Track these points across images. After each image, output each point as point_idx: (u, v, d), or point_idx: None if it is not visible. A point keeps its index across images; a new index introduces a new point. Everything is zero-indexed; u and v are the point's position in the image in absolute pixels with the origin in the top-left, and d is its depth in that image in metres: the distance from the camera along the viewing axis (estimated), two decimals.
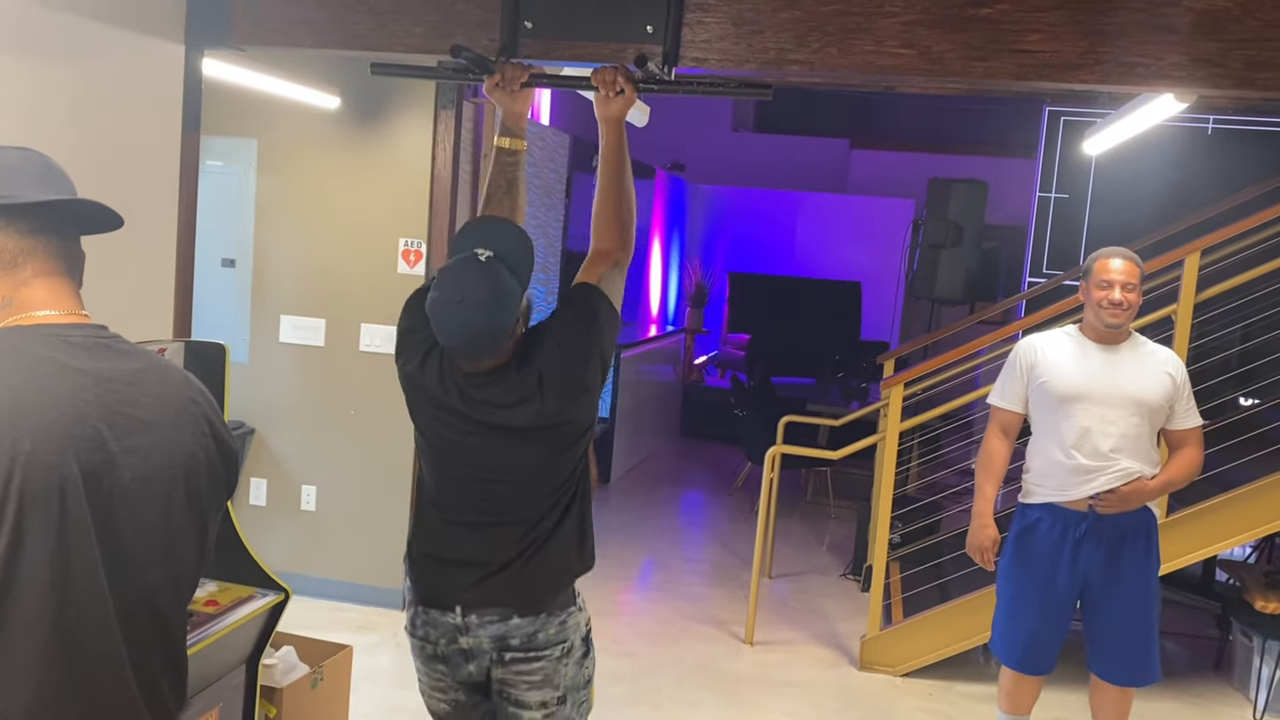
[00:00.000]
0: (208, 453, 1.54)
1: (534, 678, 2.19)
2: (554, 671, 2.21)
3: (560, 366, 2.12)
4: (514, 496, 2.19)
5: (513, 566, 2.18)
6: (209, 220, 4.71)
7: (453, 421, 2.14)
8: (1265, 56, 2.45)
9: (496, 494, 2.18)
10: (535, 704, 2.21)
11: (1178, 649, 4.91)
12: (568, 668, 2.23)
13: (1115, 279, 3.11)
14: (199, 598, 2.40)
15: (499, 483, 2.18)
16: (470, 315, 1.98)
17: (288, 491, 4.78)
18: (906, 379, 4.61)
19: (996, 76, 2.58)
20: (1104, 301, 3.12)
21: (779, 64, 2.63)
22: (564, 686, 2.23)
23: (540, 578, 2.20)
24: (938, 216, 5.85)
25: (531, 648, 2.19)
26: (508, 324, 2.03)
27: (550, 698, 2.22)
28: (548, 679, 2.21)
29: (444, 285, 2.03)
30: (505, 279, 2.03)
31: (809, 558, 5.98)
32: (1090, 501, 3.14)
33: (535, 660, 2.19)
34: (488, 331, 2.00)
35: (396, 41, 2.79)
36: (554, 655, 2.20)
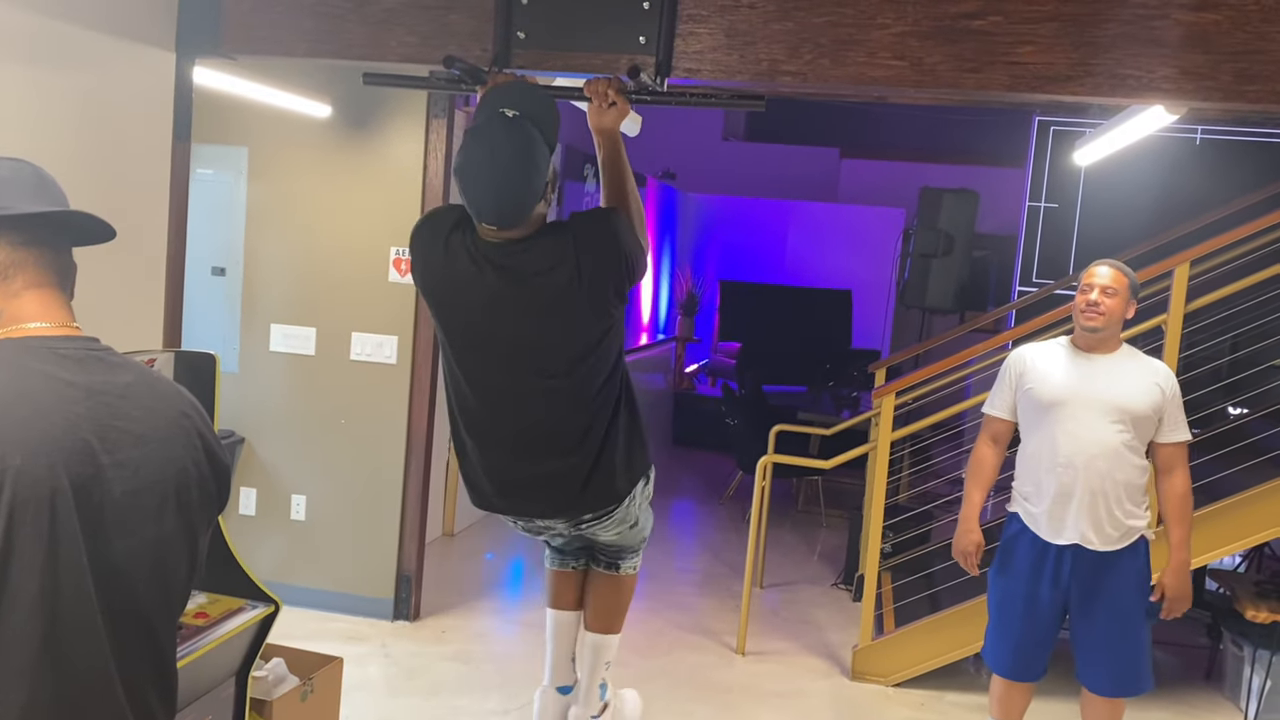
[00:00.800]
0: (199, 466, 1.53)
1: (607, 524, 2.51)
2: (624, 515, 2.52)
3: (594, 230, 2.17)
4: (555, 401, 2.25)
5: (567, 487, 2.35)
6: (199, 228, 4.68)
7: (492, 304, 2.13)
8: (1255, 69, 2.46)
9: (537, 400, 2.25)
10: (611, 534, 2.60)
11: (1168, 658, 4.92)
12: (633, 507, 2.54)
13: (1095, 283, 3.14)
14: (189, 610, 2.38)
15: (539, 380, 2.22)
16: (502, 169, 1.99)
17: (277, 501, 4.75)
18: (898, 388, 4.62)
19: (988, 88, 2.59)
20: (1082, 304, 3.15)
21: (771, 75, 2.63)
22: (632, 516, 2.56)
23: (594, 491, 2.39)
24: (929, 226, 5.87)
25: (600, 518, 2.47)
26: (538, 181, 2.03)
27: (623, 528, 2.59)
28: (620, 520, 2.53)
29: (472, 143, 2.04)
30: (534, 134, 2.04)
31: (800, 567, 5.98)
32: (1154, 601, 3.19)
33: (606, 519, 2.48)
34: (520, 184, 2.00)
35: (389, 51, 2.79)
36: (622, 508, 2.48)
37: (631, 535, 2.69)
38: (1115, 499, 3.13)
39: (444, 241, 2.20)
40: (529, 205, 2.04)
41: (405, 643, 4.46)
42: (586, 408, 2.27)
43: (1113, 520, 3.13)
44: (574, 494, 2.39)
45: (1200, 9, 2.48)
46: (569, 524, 2.52)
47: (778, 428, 5.69)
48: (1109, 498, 3.12)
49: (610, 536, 2.63)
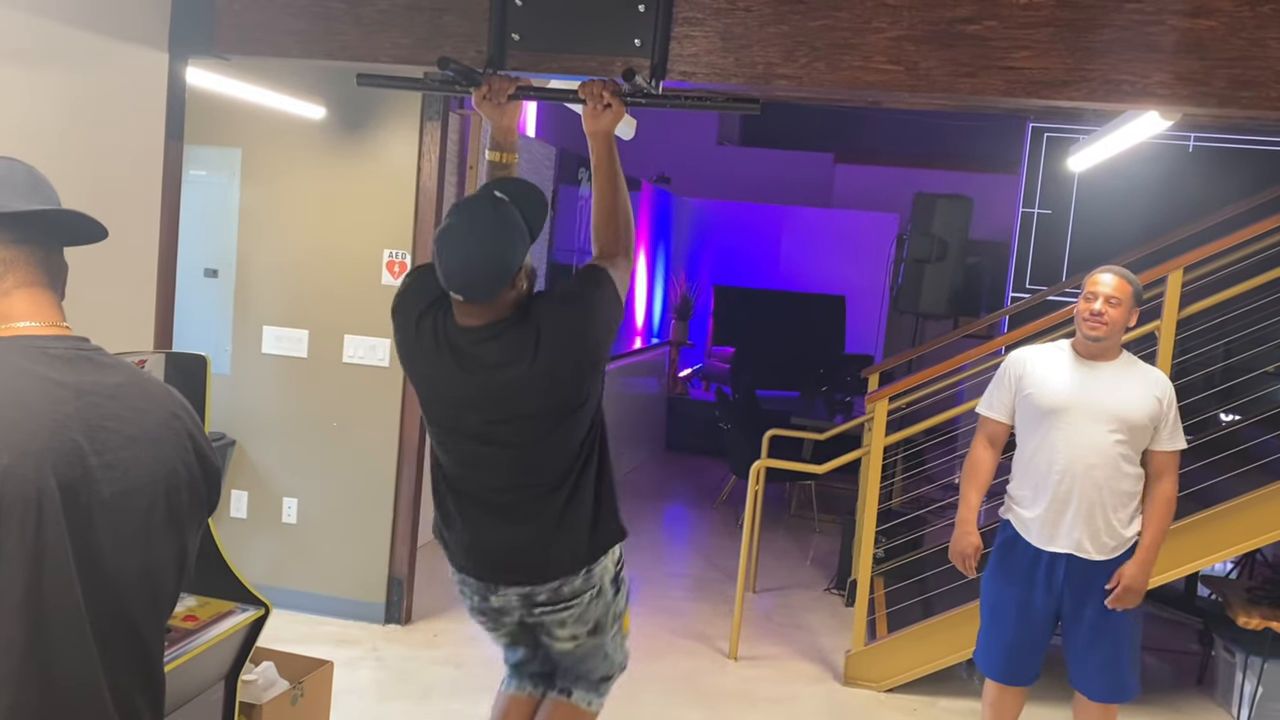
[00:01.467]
0: (189, 468, 1.52)
1: (564, 617, 2.36)
2: (583, 612, 2.36)
3: (562, 322, 2.12)
4: (521, 471, 2.21)
5: (530, 547, 2.27)
6: (191, 230, 4.67)
7: (450, 387, 2.15)
8: (1249, 75, 2.47)
9: (505, 468, 2.22)
10: (566, 637, 2.41)
11: (1160, 664, 4.92)
12: (596, 606, 2.38)
13: (1100, 291, 3.12)
14: (177, 613, 2.36)
15: (505, 456, 2.19)
16: (478, 240, 2.01)
17: (269, 504, 4.73)
18: (891, 393, 4.62)
19: (984, 93, 2.59)
20: (1085, 313, 3.13)
21: (767, 79, 2.63)
22: (593, 620, 2.40)
23: (557, 554, 2.29)
24: (922, 231, 5.87)
25: (558, 600, 2.31)
26: (512, 261, 2.03)
27: (580, 631, 2.40)
28: (578, 618, 2.37)
29: (455, 213, 2.08)
30: (517, 217, 2.06)
31: (793, 572, 5.97)
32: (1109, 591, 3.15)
33: (564, 610, 2.32)
34: (493, 259, 2.00)
35: (383, 52, 2.78)
36: (582, 601, 2.33)
37: (593, 653, 2.48)
38: (1112, 508, 3.13)
39: (415, 322, 2.22)
40: (498, 283, 2.03)
41: (397, 646, 4.44)
42: (555, 472, 2.22)
43: (1109, 530, 3.13)
44: (536, 557, 2.28)
45: (1195, 15, 2.48)
46: (524, 603, 2.33)
47: (771, 432, 5.69)
48: (1106, 507, 3.12)
49: (567, 643, 2.42)
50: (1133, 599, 3.16)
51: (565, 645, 2.43)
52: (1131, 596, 3.16)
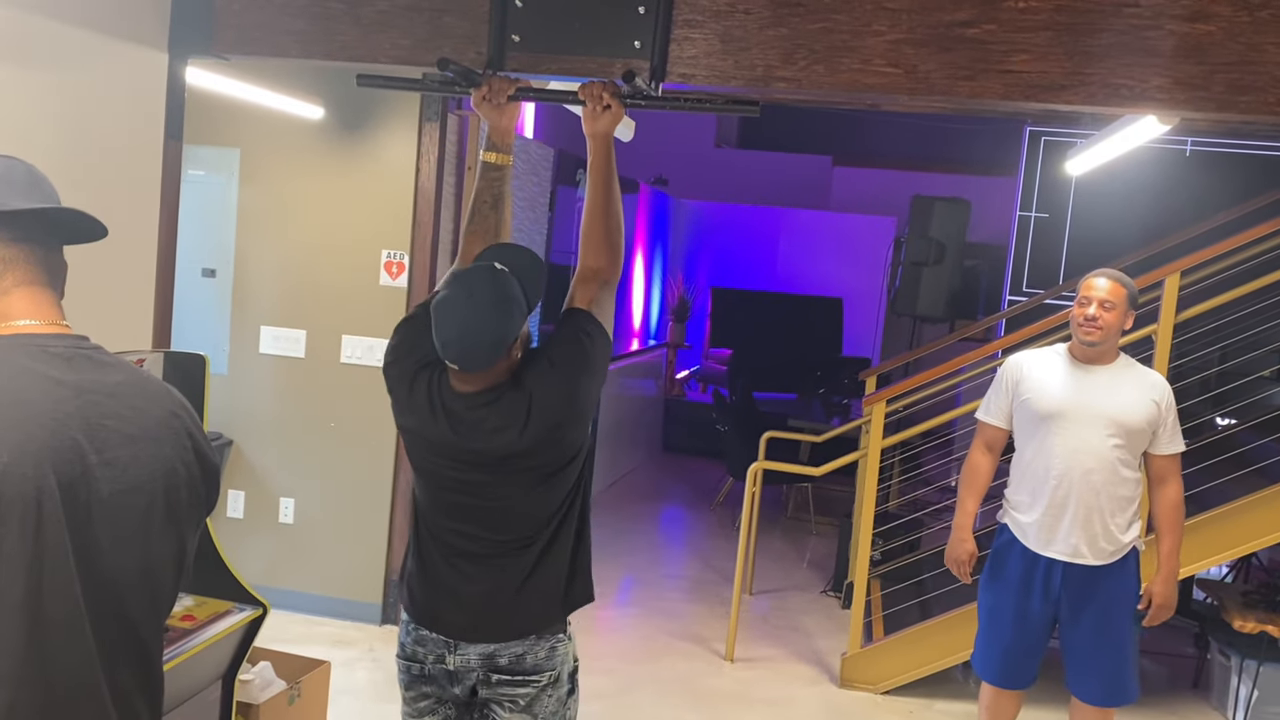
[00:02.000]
0: (188, 467, 1.51)
1: (517, 700, 2.18)
2: (536, 700, 2.20)
3: (552, 388, 2.10)
4: (503, 523, 2.16)
5: (502, 598, 2.17)
6: (190, 230, 4.68)
7: (439, 448, 2.13)
8: (1247, 80, 2.47)
9: (485, 519, 2.16)
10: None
11: (1156, 668, 4.92)
12: (550, 700, 2.22)
13: (1094, 296, 3.12)
14: (175, 612, 2.36)
15: (487, 508, 2.16)
16: (475, 312, 2.00)
17: (266, 504, 4.73)
18: (889, 396, 4.62)
19: (983, 96, 2.59)
20: (1080, 318, 3.13)
21: (766, 81, 2.63)
22: (542, 718, 2.21)
23: (529, 607, 2.19)
24: (920, 234, 5.88)
25: (519, 670, 2.19)
26: (509, 332, 2.03)
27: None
28: (529, 706, 2.20)
29: (455, 283, 2.06)
30: (515, 290, 2.05)
31: (790, 574, 5.97)
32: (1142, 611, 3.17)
33: (521, 686, 2.18)
34: (489, 333, 2.00)
35: (382, 53, 2.78)
36: (540, 683, 2.19)
37: None
38: (1110, 513, 3.13)
39: (409, 382, 2.20)
40: (493, 355, 2.04)
41: (394, 647, 4.43)
42: (535, 525, 2.18)
43: (1107, 535, 3.13)
44: (507, 608, 2.19)
45: (1193, 20, 2.49)
46: (483, 666, 2.19)
47: (768, 434, 5.70)
48: (1104, 512, 3.12)
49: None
50: (1167, 614, 3.19)
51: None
52: (1165, 613, 3.18)
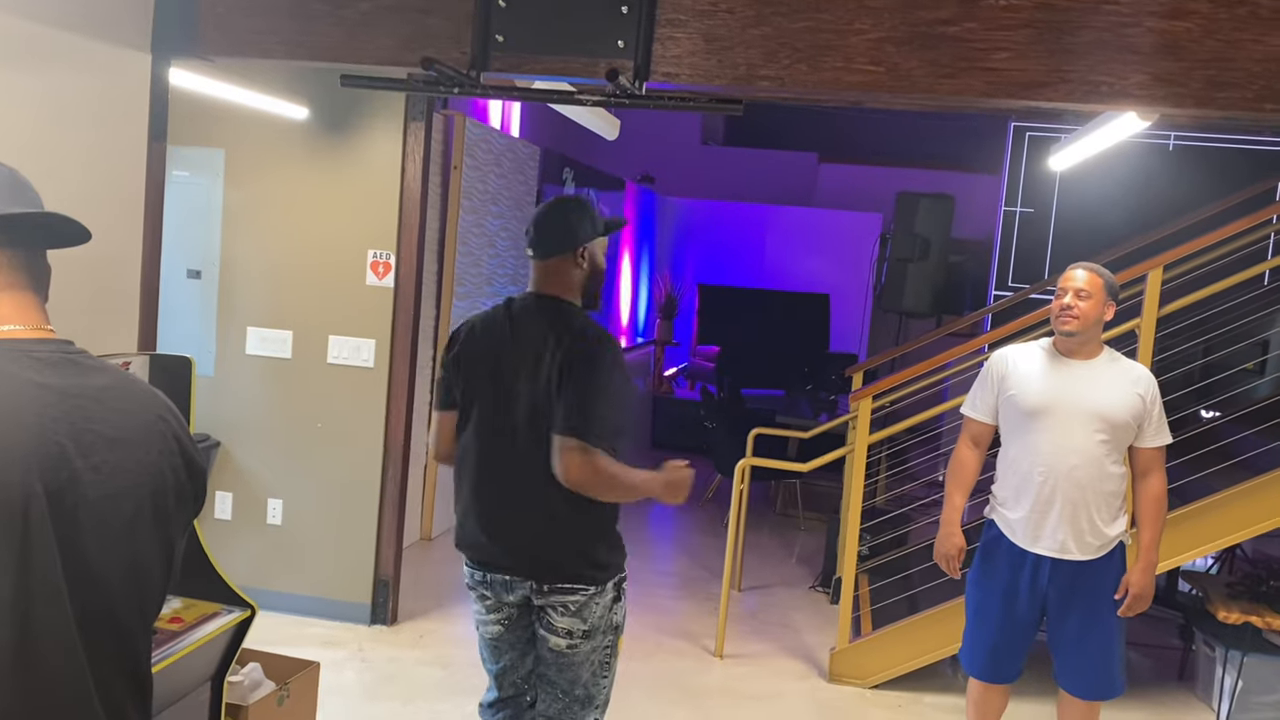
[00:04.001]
0: (175, 470, 1.51)
1: (569, 605, 2.45)
2: (585, 605, 2.46)
3: (585, 370, 2.37)
4: (540, 451, 2.38)
5: (535, 548, 2.46)
6: (175, 231, 4.65)
7: (498, 355, 2.46)
8: (1226, 77, 2.49)
9: (521, 442, 2.41)
10: (562, 630, 2.48)
11: (1141, 659, 4.96)
12: (599, 605, 2.48)
13: (1070, 286, 3.13)
14: (163, 615, 2.36)
15: (532, 424, 2.40)
16: (551, 209, 2.49)
17: (254, 505, 4.72)
18: (875, 391, 4.64)
19: (964, 94, 2.61)
20: (1057, 309, 3.15)
21: (749, 80, 2.64)
22: (591, 622, 2.48)
23: (560, 561, 2.46)
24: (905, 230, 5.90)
25: (566, 581, 2.46)
26: (575, 228, 2.45)
27: (577, 628, 2.47)
28: (580, 610, 2.46)
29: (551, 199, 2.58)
30: (591, 208, 2.51)
31: (778, 570, 5.99)
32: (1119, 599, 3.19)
33: (571, 593, 2.45)
34: (558, 223, 2.45)
35: (366, 54, 2.78)
36: (589, 591, 2.46)
37: (579, 666, 2.52)
38: (1095, 507, 3.14)
39: (483, 320, 2.60)
40: (558, 243, 2.44)
41: (383, 647, 4.44)
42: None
43: (1094, 530, 3.14)
44: (540, 545, 2.48)
45: (1172, 17, 2.51)
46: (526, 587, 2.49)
47: (755, 431, 5.71)
48: (1090, 507, 3.13)
49: (561, 638, 2.48)
50: (1143, 605, 3.19)
51: (559, 642, 2.48)
52: (1141, 603, 3.18)
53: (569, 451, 2.33)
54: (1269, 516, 4.12)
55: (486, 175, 5.98)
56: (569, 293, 2.48)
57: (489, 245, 6.14)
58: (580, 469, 2.34)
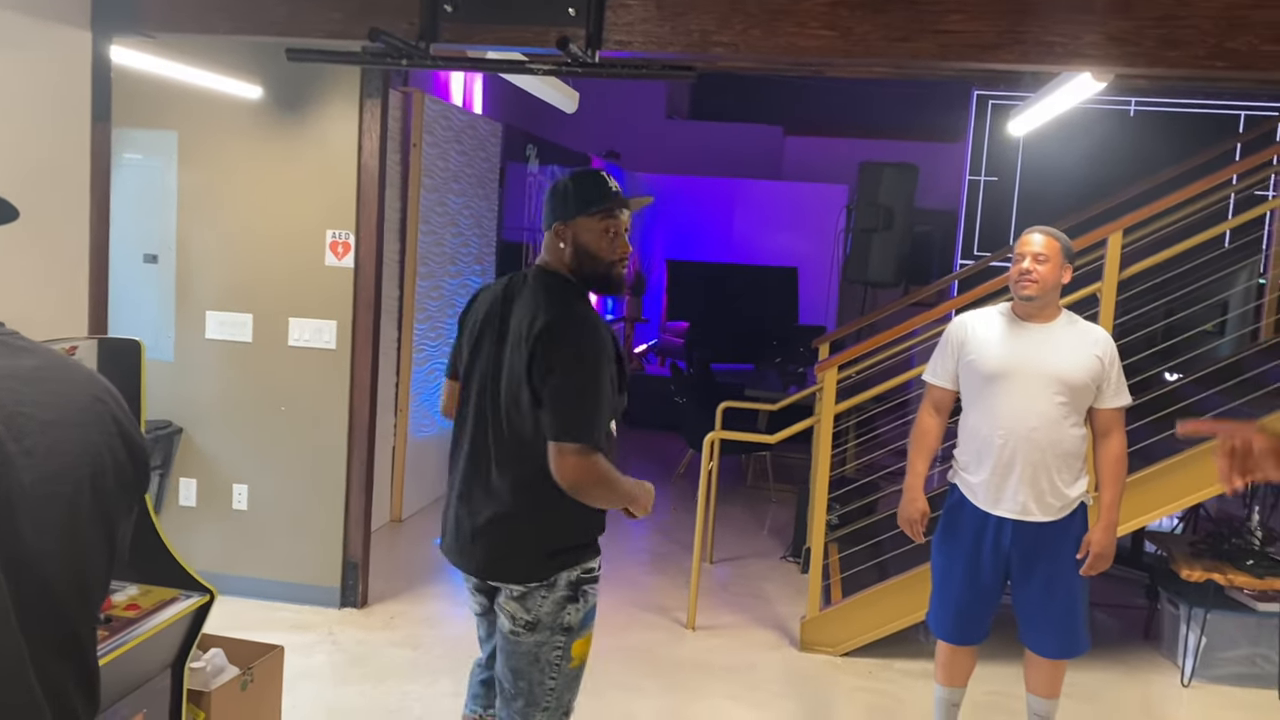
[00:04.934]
0: (114, 452, 1.48)
1: (513, 590, 2.38)
2: (529, 596, 2.36)
3: (552, 355, 2.28)
4: (502, 434, 2.34)
5: (483, 534, 2.39)
6: (129, 216, 4.60)
7: (483, 332, 2.45)
8: (1177, 35, 2.49)
9: (489, 429, 2.36)
10: (508, 614, 2.40)
11: (1108, 619, 5.02)
12: (546, 601, 2.37)
13: (1028, 251, 3.14)
14: (119, 602, 2.33)
15: (493, 408, 2.36)
16: (566, 176, 2.43)
17: (218, 491, 4.67)
18: (839, 362, 4.65)
19: (919, 56, 2.60)
20: (1016, 274, 3.16)
21: (703, 46, 2.62)
22: (535, 614, 2.37)
23: (501, 555, 2.40)
24: (869, 200, 5.90)
25: (502, 580, 2.42)
26: (551, 206, 2.40)
27: (520, 616, 2.38)
28: (523, 599, 2.37)
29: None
30: (567, 183, 2.43)
31: (750, 542, 6.01)
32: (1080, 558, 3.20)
33: (517, 585, 2.38)
34: (550, 194, 2.41)
35: (314, 27, 2.73)
36: (532, 585, 2.36)
37: (526, 663, 2.40)
38: (1055, 469, 3.16)
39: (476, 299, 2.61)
40: (545, 217, 2.42)
41: (353, 630, 4.41)
42: (518, 459, 2.35)
43: (1054, 491, 3.17)
44: (480, 535, 2.42)
45: None
46: (479, 581, 2.51)
47: (724, 404, 5.71)
48: (1050, 469, 3.15)
49: (506, 621, 2.39)
50: (1104, 564, 3.22)
51: (505, 623, 2.41)
52: (1103, 562, 3.21)
53: (569, 454, 2.24)
54: None
55: (447, 153, 5.91)
56: (565, 269, 2.41)
57: (451, 224, 6.08)
58: (580, 472, 2.26)
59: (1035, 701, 3.44)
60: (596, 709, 3.83)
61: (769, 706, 3.96)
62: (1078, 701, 4.03)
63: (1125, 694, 4.23)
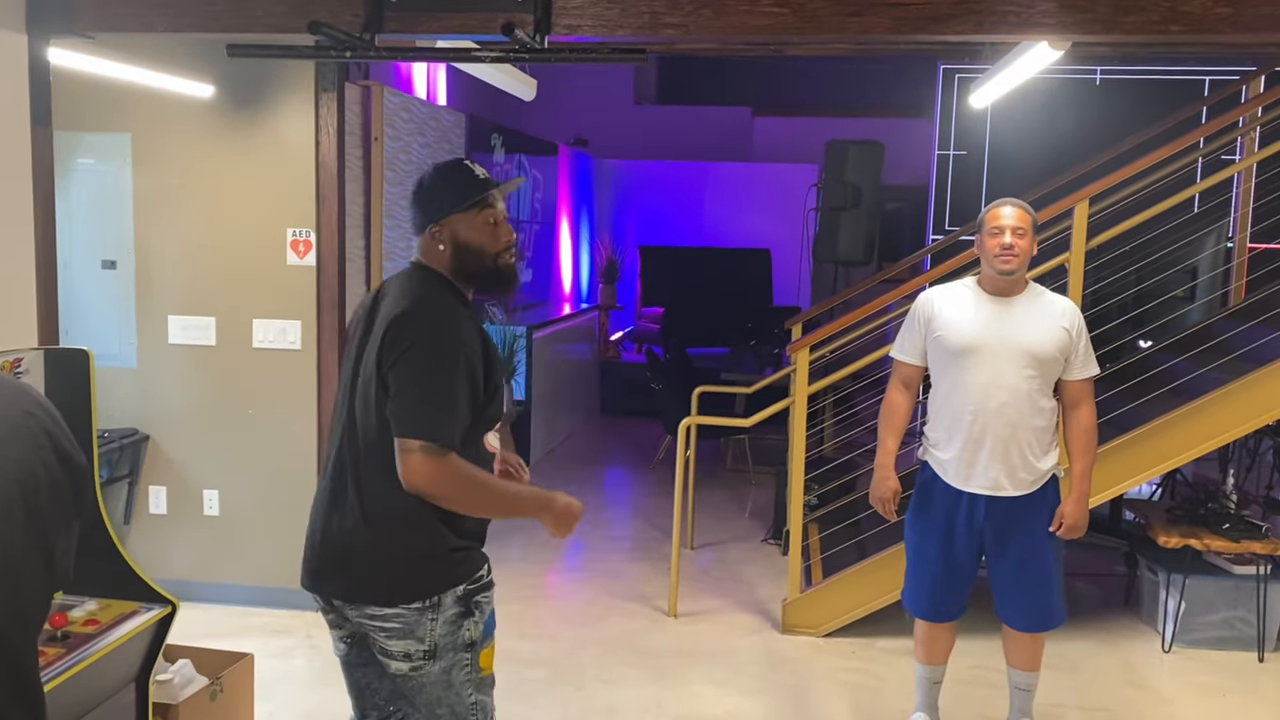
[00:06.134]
0: (48, 467, 1.43)
1: (391, 625, 2.12)
2: (416, 623, 2.11)
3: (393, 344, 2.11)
4: (356, 438, 2.16)
5: (347, 542, 2.17)
6: (85, 221, 4.52)
7: (355, 329, 2.28)
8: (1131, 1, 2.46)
9: (353, 431, 2.17)
10: (398, 654, 2.13)
11: (1088, 588, 5.04)
12: (434, 623, 2.13)
13: (1006, 224, 3.12)
14: (77, 618, 2.28)
15: (349, 411, 2.19)
16: (424, 177, 2.26)
17: (188, 497, 4.61)
18: (812, 342, 4.62)
19: (872, 31, 2.56)
20: (996, 248, 3.13)
21: (654, 28, 2.57)
22: (431, 641, 2.13)
23: (364, 578, 2.16)
24: (836, 179, 5.87)
25: (374, 604, 2.15)
26: (422, 207, 2.22)
27: (414, 649, 2.12)
28: (409, 630, 2.11)
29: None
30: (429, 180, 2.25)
31: (730, 526, 5.99)
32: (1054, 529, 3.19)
33: (388, 608, 2.11)
34: (415, 195, 2.24)
35: (255, 21, 2.67)
36: (415, 607, 2.11)
37: (438, 693, 2.18)
38: (1026, 444, 3.15)
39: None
40: (415, 221, 2.23)
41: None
42: (377, 464, 2.12)
43: (1026, 465, 3.16)
44: (337, 553, 2.18)
45: None
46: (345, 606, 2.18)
47: (699, 389, 5.68)
48: (1020, 443, 3.14)
49: (402, 662, 2.15)
50: (1077, 534, 3.22)
51: (400, 665, 2.15)
52: (1075, 533, 3.21)
53: (411, 455, 2.01)
54: (1202, 441, 4.18)
55: (410, 145, 5.84)
56: (446, 271, 2.22)
57: None
58: (429, 475, 2.01)
59: (1016, 675, 3.44)
60: (576, 702, 3.80)
61: (751, 691, 3.94)
62: (1060, 672, 4.03)
63: (1107, 662, 4.24)
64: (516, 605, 4.66)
